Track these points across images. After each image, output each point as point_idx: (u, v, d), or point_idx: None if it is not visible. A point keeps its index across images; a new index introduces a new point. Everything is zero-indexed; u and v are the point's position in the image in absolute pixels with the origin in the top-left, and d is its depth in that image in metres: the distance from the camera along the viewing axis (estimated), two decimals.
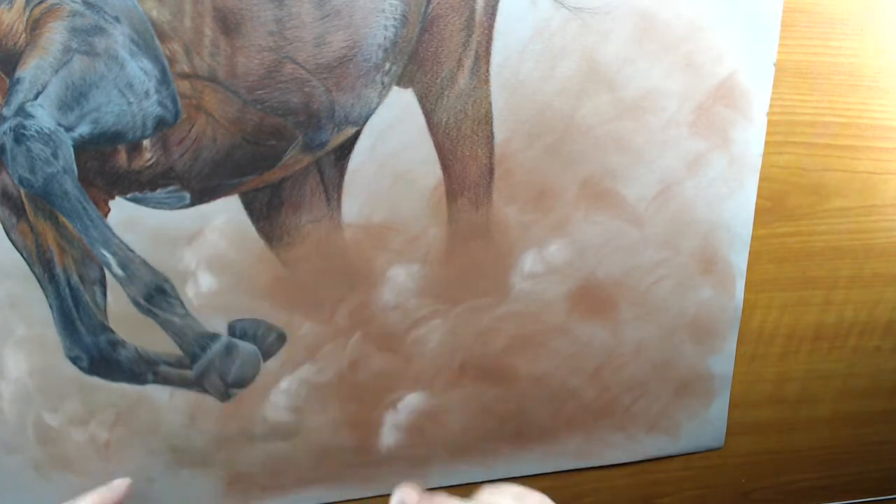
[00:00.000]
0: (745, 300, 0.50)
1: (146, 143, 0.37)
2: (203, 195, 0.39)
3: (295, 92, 0.37)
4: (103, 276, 0.40)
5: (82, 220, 0.38)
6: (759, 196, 0.46)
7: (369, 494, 0.51)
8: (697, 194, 0.45)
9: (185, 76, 0.36)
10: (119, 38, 0.35)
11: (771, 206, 0.47)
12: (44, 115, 0.35)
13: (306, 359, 0.44)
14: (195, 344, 0.42)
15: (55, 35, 0.34)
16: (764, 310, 0.51)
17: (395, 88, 0.39)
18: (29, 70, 0.34)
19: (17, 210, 0.37)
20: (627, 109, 0.42)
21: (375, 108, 0.39)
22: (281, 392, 0.45)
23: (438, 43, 0.38)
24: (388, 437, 0.48)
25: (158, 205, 0.38)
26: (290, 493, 0.49)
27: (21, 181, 0.36)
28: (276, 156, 0.39)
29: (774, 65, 0.43)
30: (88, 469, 0.44)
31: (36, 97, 0.35)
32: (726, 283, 0.48)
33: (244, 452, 0.46)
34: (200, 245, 0.40)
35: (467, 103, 0.40)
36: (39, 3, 0.34)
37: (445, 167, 0.41)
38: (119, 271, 0.39)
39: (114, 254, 0.39)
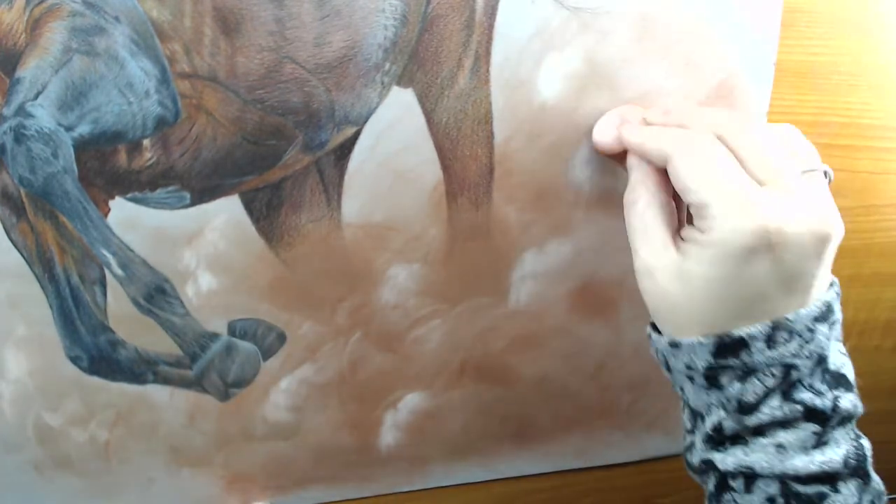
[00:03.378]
0: None
1: (146, 142, 0.37)
2: (203, 195, 0.39)
3: (295, 92, 0.37)
4: (103, 276, 0.40)
5: (82, 220, 0.38)
6: None
7: (369, 494, 0.51)
8: None
9: (185, 76, 0.36)
10: (119, 38, 0.35)
11: None
12: (44, 115, 0.35)
13: (306, 358, 0.44)
14: (195, 344, 0.42)
15: (55, 35, 0.34)
16: None
17: (395, 88, 0.39)
18: (29, 70, 0.35)
19: (17, 210, 0.37)
20: None
21: (375, 107, 0.39)
22: (281, 392, 0.45)
23: (438, 43, 0.38)
24: (388, 436, 0.48)
25: (158, 205, 0.39)
26: (290, 493, 0.49)
27: (21, 181, 0.36)
28: (276, 155, 0.39)
29: (774, 65, 0.43)
30: (88, 469, 0.44)
31: (36, 97, 0.35)
32: None
33: (244, 452, 0.46)
34: (200, 245, 0.40)
35: (467, 103, 0.40)
36: (39, 3, 0.34)
37: (445, 167, 0.41)
38: (119, 271, 0.39)
39: (114, 254, 0.39)
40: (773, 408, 0.32)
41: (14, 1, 0.34)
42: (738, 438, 0.34)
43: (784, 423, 0.32)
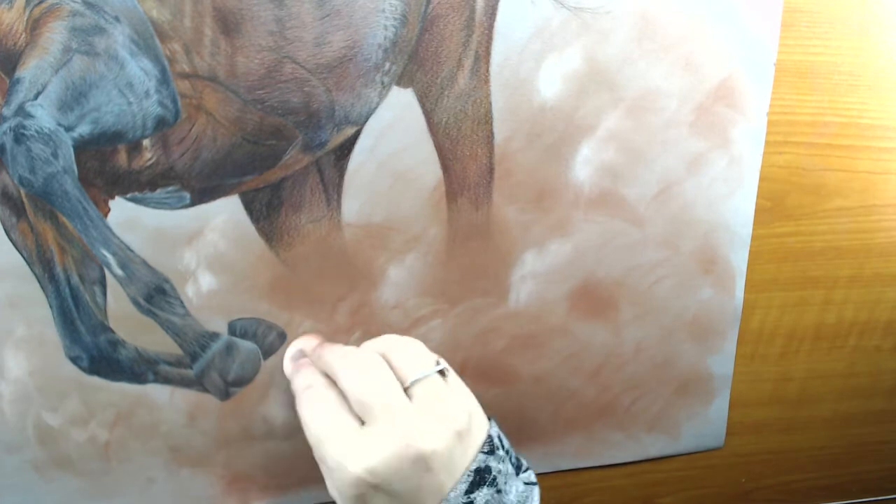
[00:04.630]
0: (745, 300, 0.50)
1: (146, 142, 0.37)
2: (203, 195, 0.39)
3: (295, 92, 0.37)
4: (103, 276, 0.40)
5: (82, 220, 0.38)
6: (759, 196, 0.46)
7: None
8: (697, 194, 0.45)
9: (185, 76, 0.36)
10: (119, 38, 0.35)
11: (771, 206, 0.48)
12: (44, 115, 0.35)
13: None
14: (195, 343, 0.42)
15: (55, 35, 0.34)
16: (764, 310, 0.51)
17: (395, 88, 0.39)
18: (29, 70, 0.35)
19: (17, 210, 0.37)
20: (627, 109, 0.42)
21: (375, 107, 0.39)
22: (281, 391, 0.45)
23: (438, 43, 0.38)
24: None
25: (158, 205, 0.39)
26: (290, 493, 0.49)
27: (21, 181, 0.36)
28: (276, 156, 0.39)
29: (774, 65, 0.43)
30: (88, 469, 0.44)
31: (36, 97, 0.35)
32: (726, 282, 0.49)
33: (244, 452, 0.46)
34: (200, 245, 0.40)
35: (467, 103, 0.40)
36: (39, 3, 0.34)
37: (445, 167, 0.41)
38: (119, 271, 0.39)
39: (114, 254, 0.39)
40: None
41: (14, 1, 0.34)
42: None
43: None
